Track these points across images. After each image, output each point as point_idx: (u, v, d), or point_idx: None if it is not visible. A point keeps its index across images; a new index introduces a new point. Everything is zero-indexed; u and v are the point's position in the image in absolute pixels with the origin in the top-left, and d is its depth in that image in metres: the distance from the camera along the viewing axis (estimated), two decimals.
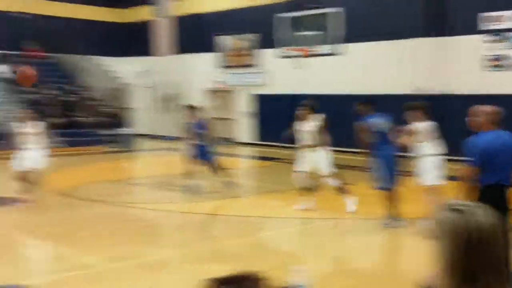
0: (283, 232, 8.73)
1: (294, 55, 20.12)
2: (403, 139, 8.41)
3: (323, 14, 19.94)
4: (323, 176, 9.68)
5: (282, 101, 21.74)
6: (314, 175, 9.68)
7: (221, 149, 22.38)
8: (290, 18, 20.65)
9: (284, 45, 20.62)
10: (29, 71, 12.89)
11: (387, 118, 8.71)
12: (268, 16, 21.99)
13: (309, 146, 9.61)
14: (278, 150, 20.92)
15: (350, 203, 9.50)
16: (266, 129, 22.55)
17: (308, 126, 9.67)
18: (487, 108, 5.42)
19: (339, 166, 10.35)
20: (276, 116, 22.00)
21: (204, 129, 12.00)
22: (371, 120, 8.60)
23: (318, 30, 20.18)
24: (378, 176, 8.50)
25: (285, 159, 18.55)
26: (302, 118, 9.85)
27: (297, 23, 20.54)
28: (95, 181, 13.57)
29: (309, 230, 8.92)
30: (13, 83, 22.35)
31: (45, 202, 11.03)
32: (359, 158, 10.01)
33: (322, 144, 9.61)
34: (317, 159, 9.59)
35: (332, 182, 9.68)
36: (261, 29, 22.58)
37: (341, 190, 9.69)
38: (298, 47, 20.14)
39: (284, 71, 21.40)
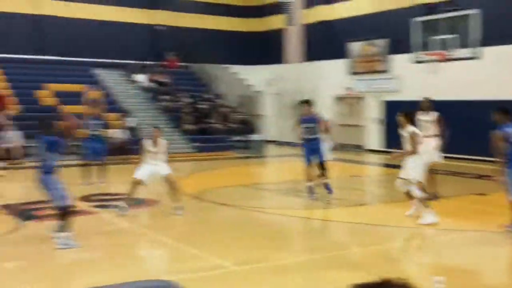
0: (410, 242, 8.36)
1: (428, 59, 19.32)
2: None
3: (460, 16, 18.99)
4: (411, 184, 9.40)
5: (415, 107, 21.00)
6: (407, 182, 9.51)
7: (349, 155, 22.20)
8: (425, 22, 19.90)
9: (418, 50, 19.90)
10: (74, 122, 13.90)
11: None
12: (399, 21, 21.42)
13: (404, 153, 9.79)
14: None
15: (428, 215, 9.07)
16: (396, 136, 21.85)
17: (405, 133, 9.77)
18: None
19: (472, 174, 9.77)
20: None
21: (316, 123, 11.96)
22: (508, 129, 8.34)
23: (454, 33, 19.23)
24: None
25: None
26: (401, 125, 9.94)
27: (433, 27, 19.72)
28: (226, 185, 13.96)
29: (437, 241, 8.46)
30: (151, 92, 23.73)
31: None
32: (492, 167, 9.38)
33: (412, 152, 9.52)
34: (408, 166, 9.53)
35: (416, 191, 9.36)
36: (393, 34, 22.03)
37: (422, 201, 9.31)
38: (434, 52, 19.30)
39: (417, 77, 20.66)
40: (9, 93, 20.40)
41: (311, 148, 11.87)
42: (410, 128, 9.79)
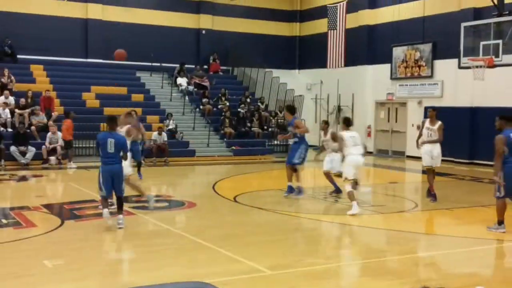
0: (453, 252, 8.16)
1: (476, 65, 18.84)
2: None
3: (508, 21, 18.47)
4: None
5: (459, 113, 20.61)
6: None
7: (390, 161, 21.92)
8: (473, 27, 19.44)
9: (464, 55, 19.45)
10: (122, 52, 15.57)
11: None
12: (444, 25, 21.08)
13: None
14: (451, 166, 19.83)
15: (354, 207, 10.39)
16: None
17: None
18: None
19: None
20: (451, 130, 20.89)
21: (293, 127, 12.53)
22: (510, 134, 8.70)
23: (502, 38, 18.68)
24: None
25: (457, 174, 17.53)
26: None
27: (480, 32, 19.23)
28: (263, 189, 13.96)
29: (479, 250, 8.24)
30: (192, 95, 23.96)
31: (215, 206, 11.59)
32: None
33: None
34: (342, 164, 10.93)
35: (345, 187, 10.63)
36: (438, 39, 21.66)
37: (350, 195, 10.53)
38: (481, 57, 18.79)
39: (462, 83, 20.26)
40: (55, 95, 20.91)
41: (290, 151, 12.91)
42: (340, 133, 11.02)
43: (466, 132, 20.44)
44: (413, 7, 22.81)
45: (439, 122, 12.28)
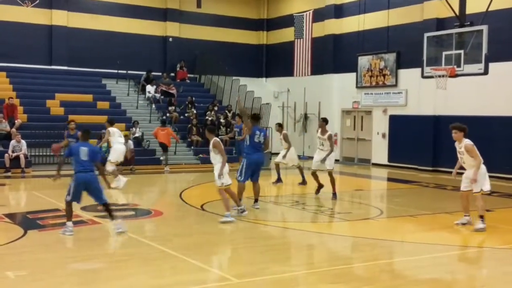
0: (418, 258, 8.29)
1: (438, 74, 19.20)
2: None
3: (470, 32, 18.91)
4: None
5: (422, 122, 20.99)
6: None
7: (355, 169, 22.16)
8: (435, 37, 19.83)
9: (427, 65, 19.81)
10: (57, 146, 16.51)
11: None
12: (409, 35, 21.46)
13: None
14: (414, 173, 20.16)
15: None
16: (402, 151, 21.87)
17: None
18: None
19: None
20: (415, 138, 21.28)
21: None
22: None
23: (464, 48, 19.10)
24: None
25: (421, 182, 17.82)
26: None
27: (442, 42, 19.62)
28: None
29: (446, 258, 8.39)
30: (158, 103, 23.82)
31: (182, 214, 11.53)
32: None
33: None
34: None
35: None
36: (402, 48, 22.05)
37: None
38: (444, 67, 19.17)
39: (426, 91, 20.63)
40: (18, 102, 20.53)
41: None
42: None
43: (430, 140, 20.83)
44: (378, 17, 23.19)
45: (329, 132, 13.29)
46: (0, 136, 18.36)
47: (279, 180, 16.35)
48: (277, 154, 17.95)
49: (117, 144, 14.80)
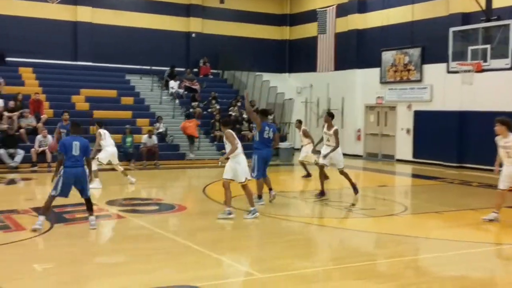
0: (443, 255, 8.20)
1: (464, 69, 18.97)
2: None
3: (497, 26, 18.63)
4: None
5: (448, 117, 20.76)
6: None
7: (379, 165, 22.00)
8: (461, 32, 19.59)
9: (453, 60, 19.58)
10: None
11: None
12: (434, 30, 21.21)
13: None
14: (440, 169, 19.96)
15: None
16: (427, 147, 21.66)
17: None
18: None
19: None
20: (440, 134, 21.05)
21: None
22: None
23: (491, 43, 18.81)
24: None
25: (446, 178, 17.64)
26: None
27: (469, 37, 19.38)
28: (254, 191, 13.92)
29: (469, 254, 8.29)
30: (182, 98, 23.93)
31: (206, 209, 11.57)
32: None
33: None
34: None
35: None
36: (427, 43, 21.81)
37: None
38: (470, 62, 18.93)
39: (451, 87, 20.39)
40: (44, 98, 20.80)
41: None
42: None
43: (455, 136, 20.59)
44: (402, 12, 22.95)
45: (335, 127, 12.73)
46: (26, 131, 18.63)
47: (308, 175, 16.36)
48: (299, 149, 17.93)
49: (110, 146, 14.28)
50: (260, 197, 11.58)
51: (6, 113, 18.78)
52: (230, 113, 23.30)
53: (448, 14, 20.90)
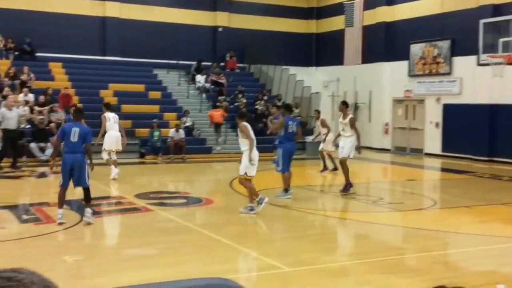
0: (473, 250, 8.10)
1: (495, 62, 18.61)
2: None
3: None
4: None
5: (478, 111, 20.44)
6: None
7: (407, 159, 21.80)
8: (492, 23, 19.24)
9: (483, 52, 19.24)
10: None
11: None
12: (464, 22, 20.87)
13: None
14: (469, 163, 19.67)
15: None
16: (457, 140, 21.35)
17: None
18: None
19: None
20: (470, 127, 20.75)
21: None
22: None
23: None
24: None
25: (476, 172, 17.38)
26: None
27: (500, 28, 19.01)
28: (280, 186, 13.94)
29: (498, 248, 8.17)
30: (209, 92, 24.02)
31: (233, 203, 11.62)
32: None
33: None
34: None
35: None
36: (456, 35, 21.47)
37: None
38: (501, 54, 18.56)
39: (481, 79, 20.05)
40: (73, 92, 21.08)
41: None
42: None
43: (485, 129, 20.26)
44: (431, 4, 22.64)
45: (350, 116, 12.48)
46: (56, 125, 18.90)
47: (325, 168, 16.29)
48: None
49: (111, 131, 13.83)
50: (286, 190, 11.56)
51: (36, 108, 19.09)
52: (256, 107, 23.31)
53: (478, 5, 20.53)
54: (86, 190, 8.85)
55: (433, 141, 22.57)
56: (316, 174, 16.82)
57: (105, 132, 13.86)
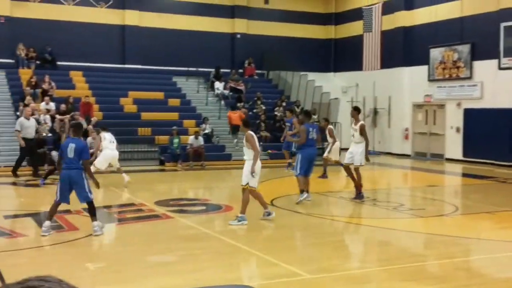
0: (496, 256, 8.00)
1: None
2: None
3: None
4: None
5: (499, 115, 20.20)
6: None
7: (427, 164, 21.61)
8: None
9: (505, 56, 19.05)
10: None
11: None
12: (484, 26, 20.68)
13: None
14: (491, 168, 19.44)
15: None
16: (478, 145, 21.11)
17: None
18: None
19: None
20: (491, 132, 20.52)
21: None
22: None
23: None
24: None
25: (498, 177, 17.17)
26: None
27: None
28: (295, 192, 13.93)
29: None
30: (227, 99, 24.09)
31: (252, 210, 11.62)
32: None
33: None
34: None
35: None
36: (477, 39, 21.28)
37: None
38: None
39: (503, 83, 19.84)
40: (93, 100, 21.29)
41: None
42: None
43: (507, 134, 20.01)
44: (451, 8, 22.47)
45: (361, 122, 12.37)
46: None
47: (324, 175, 16.22)
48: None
49: (106, 149, 14.21)
50: (302, 191, 11.65)
51: (57, 116, 19.31)
52: (275, 113, 23.32)
53: (498, 9, 20.33)
54: (90, 204, 8.73)
55: (454, 146, 22.36)
56: (334, 180, 16.76)
57: (100, 151, 14.27)
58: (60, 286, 1.38)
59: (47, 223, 8.63)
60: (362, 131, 12.13)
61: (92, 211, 8.72)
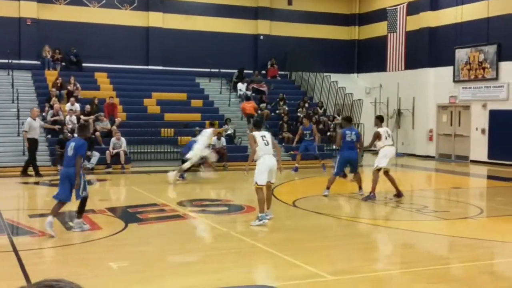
0: None
1: None
2: None
3: None
4: None
5: None
6: None
7: (452, 166, 21.35)
8: None
9: None
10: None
11: None
12: (510, 26, 20.40)
13: None
14: None
15: None
16: (504, 147, 20.80)
17: None
18: None
19: None
20: None
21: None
22: None
23: None
24: None
25: None
26: None
27: None
28: (321, 193, 13.87)
29: None
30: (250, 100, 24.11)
31: (274, 210, 11.61)
32: None
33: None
34: None
35: None
36: (503, 40, 20.98)
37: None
38: None
39: None
40: (118, 101, 21.49)
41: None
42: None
43: None
44: (477, 8, 22.19)
45: (376, 129, 13.02)
46: (101, 133, 19.31)
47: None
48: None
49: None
50: (328, 188, 12.61)
51: (82, 117, 19.53)
52: (298, 114, 23.27)
53: None
54: (82, 201, 8.97)
55: (479, 148, 22.06)
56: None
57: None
58: (72, 286, 1.54)
59: (50, 217, 8.67)
60: (374, 138, 12.90)
61: (81, 207, 9.03)
